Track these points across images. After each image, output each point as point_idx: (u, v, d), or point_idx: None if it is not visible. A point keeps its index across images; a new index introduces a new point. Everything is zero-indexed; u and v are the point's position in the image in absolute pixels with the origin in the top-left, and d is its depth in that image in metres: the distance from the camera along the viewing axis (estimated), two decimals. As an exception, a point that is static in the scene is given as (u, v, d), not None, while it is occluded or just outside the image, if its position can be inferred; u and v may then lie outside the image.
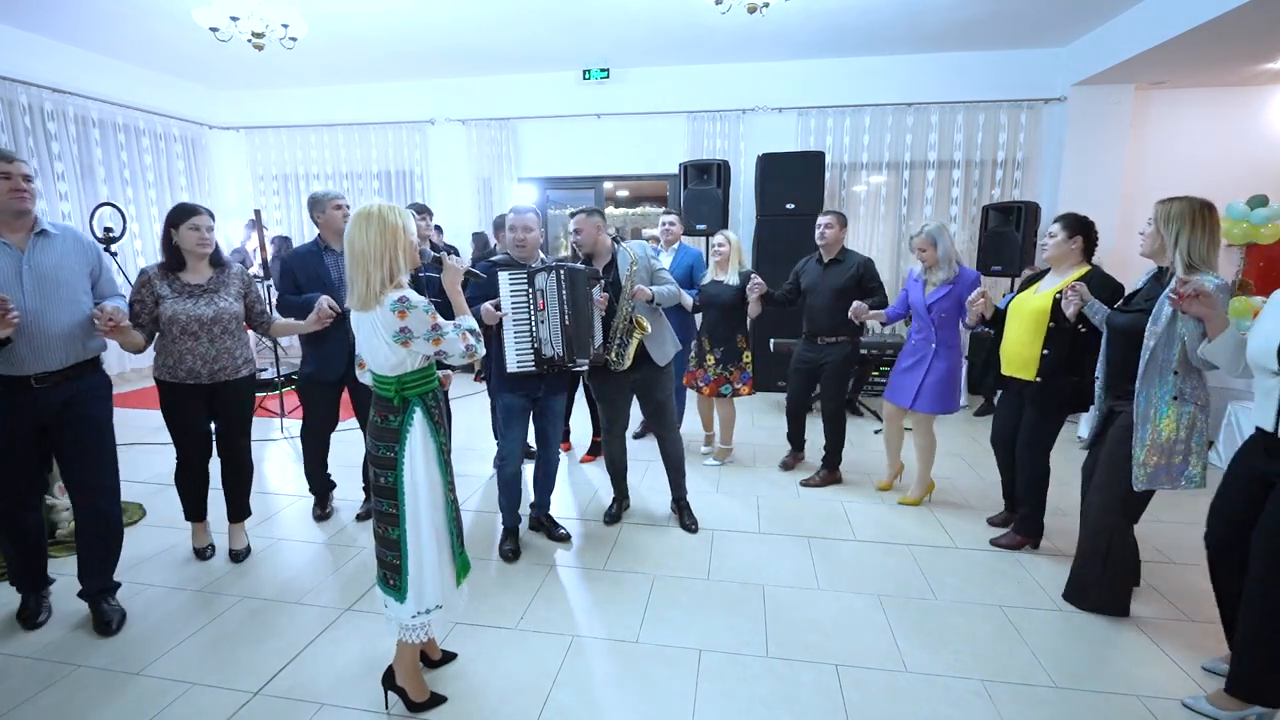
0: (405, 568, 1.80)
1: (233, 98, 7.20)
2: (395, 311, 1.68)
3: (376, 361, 1.78)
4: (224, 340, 2.57)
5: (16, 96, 5.17)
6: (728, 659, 2.14)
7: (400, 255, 1.74)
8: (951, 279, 3.14)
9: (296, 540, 3.01)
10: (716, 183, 5.75)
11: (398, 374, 1.77)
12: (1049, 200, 5.94)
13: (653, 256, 3.00)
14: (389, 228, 1.71)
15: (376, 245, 1.70)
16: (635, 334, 2.84)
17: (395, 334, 1.70)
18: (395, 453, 1.78)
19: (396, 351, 1.73)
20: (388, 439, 1.79)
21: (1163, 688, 2.00)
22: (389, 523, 1.80)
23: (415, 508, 1.79)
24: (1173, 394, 2.06)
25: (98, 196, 5.83)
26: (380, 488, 1.81)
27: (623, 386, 3.01)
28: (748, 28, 5.19)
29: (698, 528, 3.11)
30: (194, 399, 2.59)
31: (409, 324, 1.70)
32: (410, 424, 1.79)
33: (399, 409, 1.78)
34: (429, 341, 1.74)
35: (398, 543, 1.80)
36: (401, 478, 1.78)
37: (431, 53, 6.00)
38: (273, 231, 6.33)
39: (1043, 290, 2.73)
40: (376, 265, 1.70)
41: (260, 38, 4.28)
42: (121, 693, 1.98)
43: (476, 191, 7.00)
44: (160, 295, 2.47)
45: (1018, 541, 2.89)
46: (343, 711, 1.90)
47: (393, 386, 1.77)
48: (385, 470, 1.79)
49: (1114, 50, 5.16)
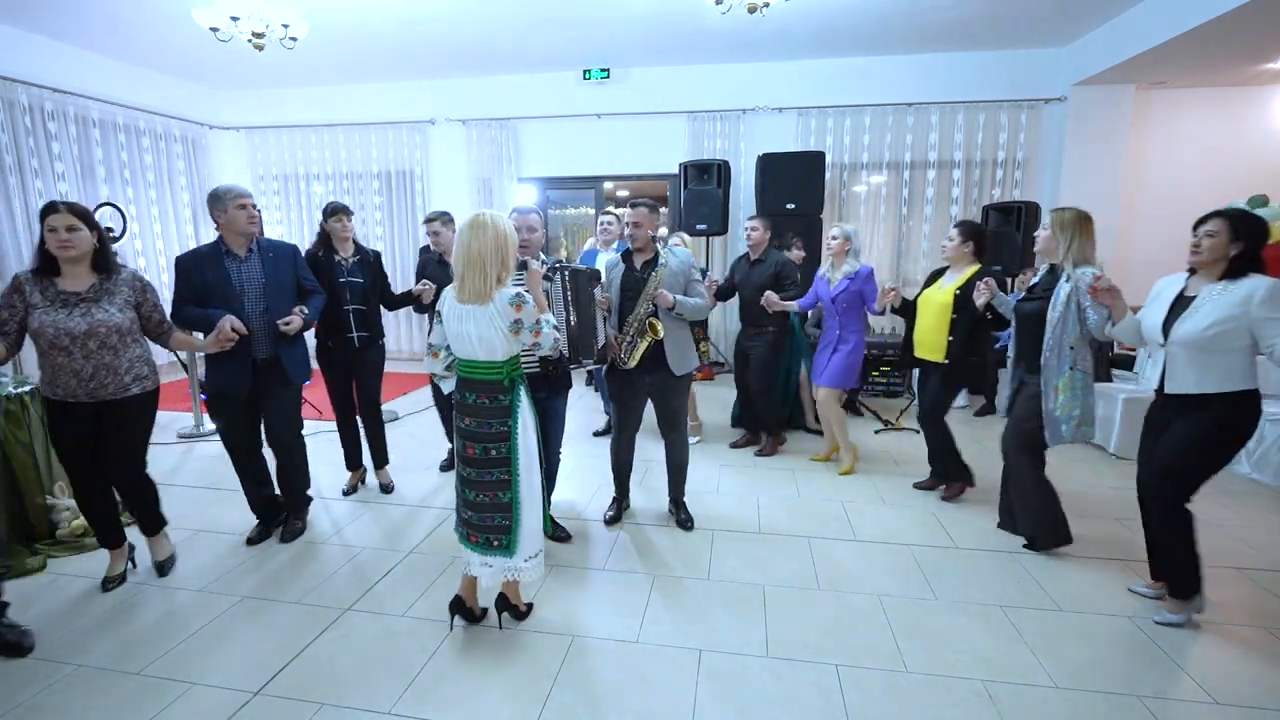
0: (517, 524, 2.10)
1: (233, 98, 7.20)
2: (513, 305, 1.96)
3: (489, 349, 2.02)
4: (102, 356, 2.31)
5: (17, 96, 5.17)
6: (728, 659, 2.14)
7: (510, 256, 2.01)
8: (851, 274, 3.60)
9: (296, 540, 3.01)
10: (717, 183, 5.75)
11: (508, 358, 2.05)
12: (1049, 200, 5.94)
13: (693, 265, 2.96)
14: (500, 233, 1.98)
15: (491, 248, 1.96)
16: (647, 335, 2.83)
17: (511, 324, 1.97)
18: (509, 426, 2.06)
19: (509, 340, 2.00)
20: (500, 415, 2.06)
21: (1162, 687, 2.00)
22: (500, 489, 2.08)
23: (530, 472, 2.10)
24: (1070, 364, 2.54)
25: (98, 196, 5.83)
26: (490, 460, 2.07)
27: (639, 388, 3.00)
28: (748, 28, 5.19)
29: (693, 525, 3.11)
30: (78, 418, 2.36)
31: (522, 316, 1.97)
32: (519, 400, 2.09)
33: (508, 389, 2.07)
34: (532, 333, 2.01)
35: (510, 505, 2.09)
36: (516, 447, 2.07)
37: (431, 53, 6.00)
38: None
39: (945, 286, 3.26)
40: (493, 265, 1.96)
41: (260, 38, 4.28)
42: (121, 693, 1.98)
43: (476, 192, 7.00)
44: (31, 304, 2.25)
45: (959, 489, 3.43)
46: (343, 711, 1.90)
47: (504, 370, 2.05)
48: (498, 443, 2.06)
49: (1114, 50, 5.16)
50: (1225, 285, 2.12)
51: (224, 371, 2.73)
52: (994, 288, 2.91)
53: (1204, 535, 2.30)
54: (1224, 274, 2.14)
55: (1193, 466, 2.22)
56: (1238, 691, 1.97)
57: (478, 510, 2.12)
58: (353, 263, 3.29)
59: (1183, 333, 2.16)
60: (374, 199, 7.21)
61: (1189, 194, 5.57)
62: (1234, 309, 2.07)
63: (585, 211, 7.99)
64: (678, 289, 2.87)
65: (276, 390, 2.84)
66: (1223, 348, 2.10)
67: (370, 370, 3.43)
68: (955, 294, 3.16)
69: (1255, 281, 2.07)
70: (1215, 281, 2.16)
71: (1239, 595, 2.54)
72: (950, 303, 3.17)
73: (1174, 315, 2.21)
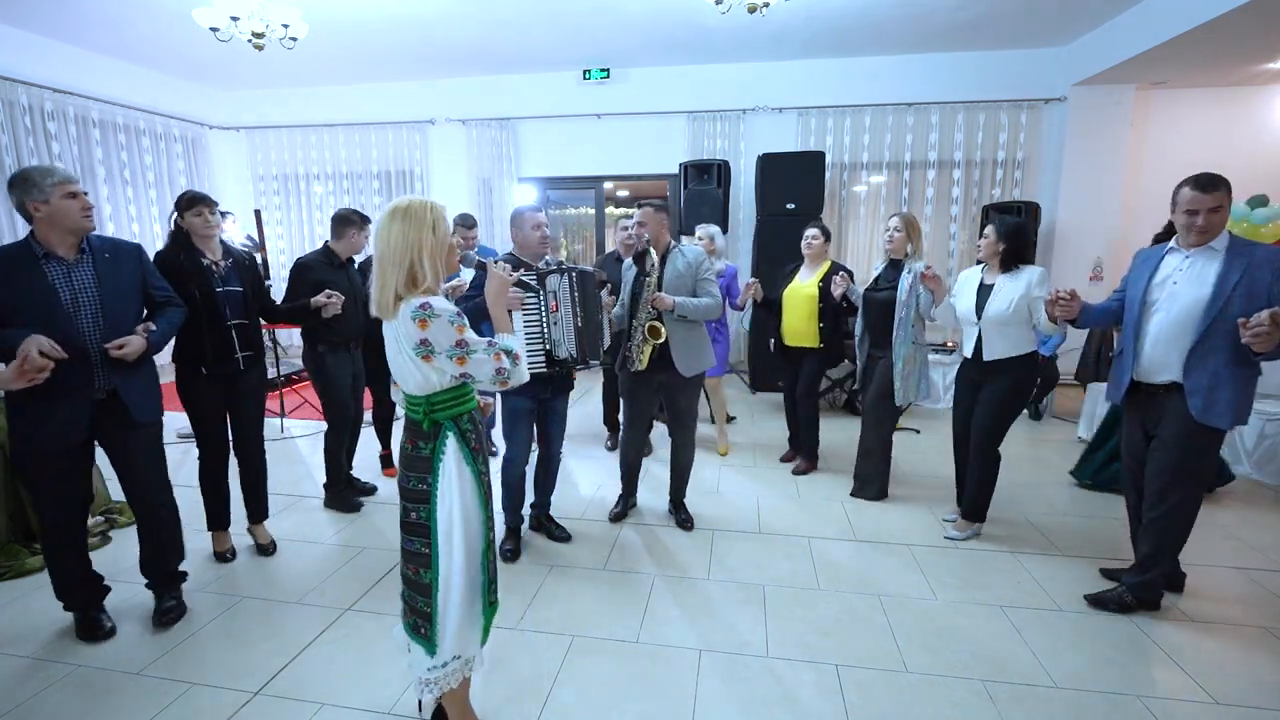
0: (435, 616, 1.59)
1: (233, 98, 7.20)
2: (416, 320, 1.46)
3: (403, 379, 1.57)
4: None
5: (17, 96, 5.17)
6: (728, 659, 2.14)
7: (424, 257, 1.51)
8: (721, 271, 3.95)
9: (297, 541, 3.01)
10: (717, 183, 5.75)
11: (425, 393, 1.56)
12: (1049, 200, 5.94)
13: (705, 264, 2.90)
14: (413, 224, 1.50)
15: (398, 244, 1.49)
16: (650, 340, 2.83)
17: (416, 346, 1.49)
18: (429, 484, 1.58)
19: (420, 367, 1.52)
20: (419, 469, 1.59)
21: (1162, 687, 2.00)
22: (420, 564, 1.60)
23: (450, 548, 1.58)
24: (912, 340, 3.13)
25: (98, 197, 5.83)
26: (411, 524, 1.61)
27: (649, 387, 3.00)
28: (748, 28, 5.19)
29: (692, 525, 3.11)
30: None
31: (430, 335, 1.48)
32: (443, 451, 1.57)
33: (429, 434, 1.57)
34: (453, 360, 1.50)
35: (429, 588, 1.59)
36: (435, 514, 1.57)
37: (431, 53, 6.00)
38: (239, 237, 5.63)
39: (806, 280, 3.76)
40: (394, 267, 1.49)
41: (260, 38, 4.28)
42: (121, 693, 1.98)
43: (476, 192, 7.00)
44: None
45: (809, 466, 3.86)
46: (343, 711, 1.90)
47: (421, 408, 1.57)
48: (417, 505, 1.60)
49: (1114, 50, 5.16)
50: (1010, 276, 2.80)
51: (44, 417, 2.02)
52: (848, 281, 3.44)
53: (1204, 535, 2.32)
54: (1003, 268, 2.81)
55: (1002, 420, 2.88)
56: (1238, 691, 1.97)
57: (407, 586, 1.66)
58: (226, 268, 2.63)
59: (992, 312, 2.79)
60: (374, 199, 7.21)
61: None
62: (1019, 290, 2.73)
63: (585, 212, 7.99)
64: (685, 289, 2.84)
65: (125, 436, 2.20)
66: (1015, 320, 2.75)
67: (254, 399, 2.80)
68: (819, 286, 3.67)
69: (1030, 270, 2.78)
70: (1001, 274, 2.82)
71: (1239, 595, 2.54)
72: (816, 294, 3.68)
73: (982, 300, 2.84)
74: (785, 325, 3.80)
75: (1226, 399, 2.15)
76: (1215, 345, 2.14)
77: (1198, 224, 2.17)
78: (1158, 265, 2.31)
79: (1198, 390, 2.17)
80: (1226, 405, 2.15)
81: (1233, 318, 2.05)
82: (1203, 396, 2.16)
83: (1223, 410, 2.16)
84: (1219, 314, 2.12)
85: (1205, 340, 2.15)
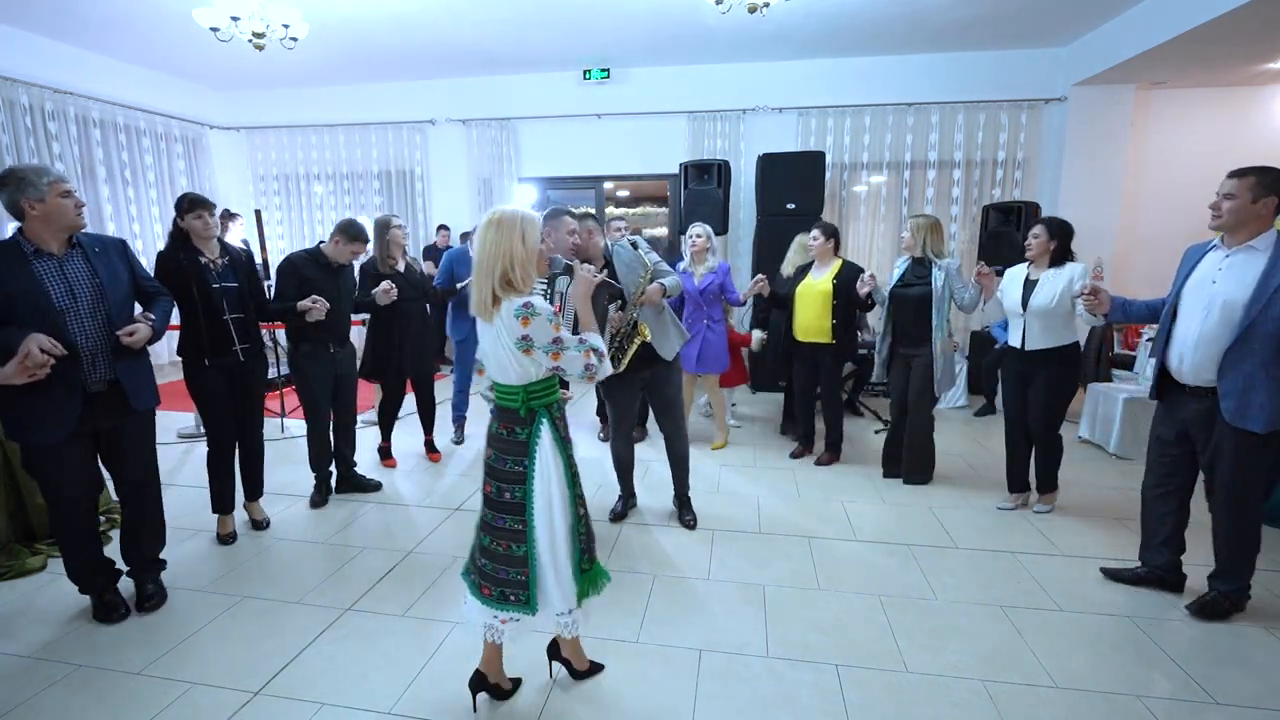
0: (534, 582, 1.76)
1: (233, 98, 7.20)
2: (519, 318, 1.63)
3: (501, 371, 1.72)
4: None
5: (17, 96, 5.17)
6: (728, 659, 2.14)
7: (515, 264, 1.66)
8: (715, 268, 3.98)
9: (297, 540, 3.01)
10: (717, 183, 5.75)
11: (524, 383, 1.71)
12: (1049, 200, 5.94)
13: (646, 250, 2.89)
14: (504, 234, 1.65)
15: (491, 251, 1.65)
16: (635, 339, 2.83)
17: (517, 340, 1.64)
18: (525, 467, 1.72)
19: (520, 360, 1.67)
20: (515, 452, 1.73)
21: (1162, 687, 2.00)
22: (513, 539, 1.74)
23: (549, 530, 1.74)
24: (946, 333, 3.36)
25: (98, 197, 5.84)
26: (505, 503, 1.74)
27: (632, 385, 3.00)
28: (748, 28, 5.19)
29: (696, 524, 3.11)
30: None
31: (531, 331, 1.63)
32: (539, 437, 1.73)
33: (525, 420, 1.73)
34: (548, 354, 1.66)
35: (524, 559, 1.75)
36: (532, 493, 1.73)
37: (431, 53, 6.00)
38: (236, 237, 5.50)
39: (819, 278, 3.80)
40: (488, 273, 1.66)
41: (261, 38, 4.28)
42: (121, 693, 1.98)
43: (476, 192, 7.00)
44: None
45: (831, 458, 3.96)
46: (343, 711, 1.90)
47: (519, 397, 1.72)
48: (512, 485, 1.73)
49: (1114, 50, 5.16)
50: (1055, 271, 2.98)
51: (40, 410, 2.06)
52: (876, 281, 3.52)
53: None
54: (1051, 264, 3.00)
55: (1056, 410, 3.08)
56: (1238, 691, 1.97)
57: (492, 560, 1.79)
58: (223, 265, 2.78)
59: (1036, 305, 2.97)
60: (374, 199, 7.22)
61: (1189, 193, 5.55)
62: (1062, 284, 2.92)
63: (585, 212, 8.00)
64: (633, 280, 2.80)
65: (120, 424, 2.27)
66: (1059, 312, 2.93)
67: (254, 389, 2.95)
68: (833, 283, 3.72)
69: (1072, 267, 2.96)
70: (1048, 269, 3.01)
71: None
72: (830, 291, 3.72)
73: (1027, 294, 3.02)
74: (798, 321, 3.85)
75: (1261, 402, 2.08)
76: (1251, 348, 2.08)
77: (1210, 205, 2.24)
78: (1197, 263, 2.28)
79: (1231, 393, 2.12)
80: (1260, 409, 2.08)
81: (1272, 320, 2.02)
82: (1236, 399, 2.12)
83: (1256, 413, 2.09)
84: (1258, 315, 2.06)
85: (1241, 343, 2.10)
